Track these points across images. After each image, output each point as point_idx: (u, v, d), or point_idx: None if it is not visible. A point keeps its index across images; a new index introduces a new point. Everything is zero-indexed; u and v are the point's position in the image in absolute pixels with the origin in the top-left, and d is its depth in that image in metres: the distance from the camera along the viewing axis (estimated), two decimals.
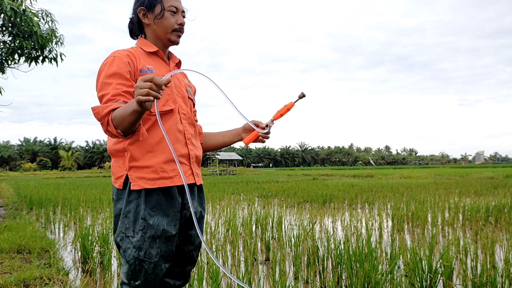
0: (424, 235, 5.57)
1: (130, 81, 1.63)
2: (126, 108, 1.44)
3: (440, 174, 26.54)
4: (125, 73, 1.62)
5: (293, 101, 1.75)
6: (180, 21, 1.77)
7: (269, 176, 28.96)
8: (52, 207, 8.72)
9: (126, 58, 1.65)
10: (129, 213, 1.62)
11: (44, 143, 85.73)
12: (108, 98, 1.56)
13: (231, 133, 1.98)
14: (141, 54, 1.73)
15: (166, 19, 1.75)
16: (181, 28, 1.78)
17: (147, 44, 1.78)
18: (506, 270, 3.18)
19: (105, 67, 1.64)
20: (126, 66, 1.63)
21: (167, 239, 1.63)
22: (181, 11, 1.79)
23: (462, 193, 11.46)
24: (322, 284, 3.42)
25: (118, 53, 1.67)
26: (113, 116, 1.48)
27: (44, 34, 7.22)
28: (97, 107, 1.52)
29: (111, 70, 1.61)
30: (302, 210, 8.34)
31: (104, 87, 1.60)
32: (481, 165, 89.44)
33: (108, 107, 1.51)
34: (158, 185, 1.62)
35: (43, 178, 32.51)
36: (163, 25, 1.75)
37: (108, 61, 1.64)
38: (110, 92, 1.57)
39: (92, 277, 3.70)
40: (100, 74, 1.64)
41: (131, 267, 1.60)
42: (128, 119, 1.44)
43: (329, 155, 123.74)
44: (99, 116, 1.52)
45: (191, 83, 2.00)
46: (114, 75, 1.61)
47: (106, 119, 1.50)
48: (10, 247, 4.40)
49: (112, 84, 1.59)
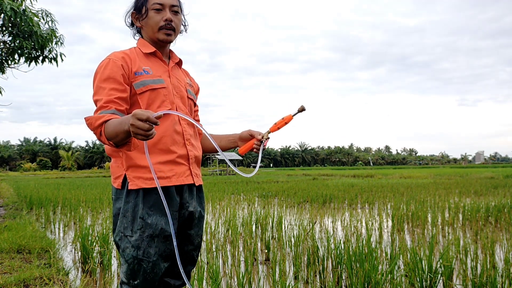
0: (424, 235, 5.57)
1: (123, 85, 1.63)
2: (119, 126, 1.44)
3: (440, 174, 26.53)
4: (118, 77, 1.62)
5: (292, 114, 1.69)
6: (165, 17, 1.71)
7: (269, 176, 28.95)
8: (52, 207, 8.72)
9: (120, 61, 1.65)
10: (127, 213, 1.63)
11: (44, 143, 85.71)
12: (100, 105, 1.57)
13: (228, 138, 1.95)
14: (139, 55, 1.73)
15: (150, 18, 1.73)
16: (167, 24, 1.71)
17: (145, 44, 1.77)
18: (506, 270, 3.18)
19: (100, 69, 1.65)
20: (119, 70, 1.63)
21: (165, 238, 1.63)
22: (169, 6, 1.72)
23: (462, 193, 11.45)
24: (322, 284, 3.42)
25: (113, 55, 1.67)
26: (106, 129, 1.49)
27: (44, 34, 7.22)
28: (90, 118, 1.54)
29: (105, 74, 1.62)
30: (302, 210, 8.34)
31: (98, 92, 1.61)
32: (481, 165, 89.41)
33: (100, 118, 1.51)
34: (155, 184, 1.62)
35: (43, 178, 32.50)
36: (149, 25, 1.74)
37: (103, 64, 1.65)
38: (103, 98, 1.58)
39: (92, 277, 3.70)
40: (95, 77, 1.66)
41: (130, 266, 1.61)
42: (121, 136, 1.46)
43: (329, 155, 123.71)
44: (92, 127, 1.53)
45: (193, 82, 1.99)
46: (108, 79, 1.61)
47: (98, 130, 1.52)
48: (10, 247, 4.40)
49: (105, 89, 1.60)
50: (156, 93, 1.68)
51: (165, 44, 1.79)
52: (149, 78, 1.68)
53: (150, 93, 1.67)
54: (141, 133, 1.33)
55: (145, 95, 1.67)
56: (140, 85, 1.66)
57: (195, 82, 2.01)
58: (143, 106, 1.66)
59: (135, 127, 1.33)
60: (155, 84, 1.69)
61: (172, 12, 1.74)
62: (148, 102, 1.67)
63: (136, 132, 1.34)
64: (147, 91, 1.67)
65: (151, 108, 1.67)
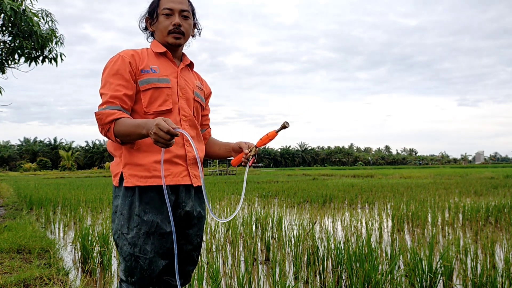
0: (424, 235, 5.57)
1: (130, 83, 1.68)
2: (134, 128, 1.53)
3: (440, 174, 26.53)
4: (126, 74, 1.67)
5: (276, 130, 1.70)
6: (174, 21, 1.75)
7: (269, 176, 28.96)
8: (52, 207, 8.72)
9: (129, 58, 1.69)
10: (124, 210, 1.65)
11: (44, 143, 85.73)
12: (107, 100, 1.62)
13: (225, 147, 1.96)
14: (149, 55, 1.77)
15: (160, 23, 1.77)
16: (176, 28, 1.75)
17: (157, 45, 1.80)
18: (506, 270, 3.18)
19: (110, 64, 1.70)
20: (127, 67, 1.68)
21: (161, 236, 1.64)
22: (179, 11, 1.76)
23: (462, 193, 11.45)
24: (322, 284, 3.42)
25: (124, 52, 1.72)
26: (117, 126, 1.57)
27: (44, 34, 7.22)
28: (101, 113, 1.60)
29: (114, 69, 1.67)
30: (302, 210, 8.34)
31: (105, 85, 1.67)
32: (481, 165, 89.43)
33: (111, 115, 1.58)
34: (150, 183, 1.64)
35: (43, 178, 32.51)
36: (159, 30, 1.79)
37: (113, 60, 1.70)
38: (109, 93, 1.64)
39: (92, 277, 3.70)
40: (104, 71, 1.71)
41: (127, 264, 1.62)
42: (133, 137, 1.56)
43: (329, 155, 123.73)
44: (102, 122, 1.60)
45: (205, 86, 2.00)
46: (116, 74, 1.66)
47: (107, 126, 1.59)
48: (10, 247, 4.40)
49: (112, 84, 1.65)
50: (160, 92, 1.70)
51: (176, 48, 1.81)
52: (155, 77, 1.71)
53: (153, 91, 1.69)
54: (163, 142, 1.43)
55: (148, 92, 1.69)
56: (145, 82, 1.69)
57: (207, 86, 2.02)
58: (145, 103, 1.68)
59: (157, 136, 1.42)
60: (159, 83, 1.71)
61: (182, 17, 1.77)
62: (150, 100, 1.69)
63: (157, 140, 1.43)
64: (150, 88, 1.69)
65: (152, 106, 1.69)
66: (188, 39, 1.84)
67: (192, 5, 1.84)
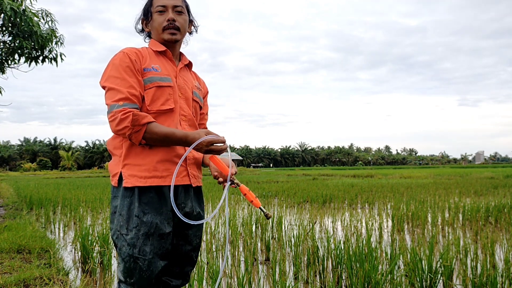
0: (424, 235, 5.57)
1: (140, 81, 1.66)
2: (173, 136, 1.60)
3: (440, 174, 26.52)
4: (136, 72, 1.66)
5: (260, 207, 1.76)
6: (168, 17, 1.74)
7: (269, 176, 28.95)
8: (52, 207, 8.71)
9: (133, 55, 1.68)
10: (123, 211, 1.64)
11: (44, 143, 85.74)
12: (125, 96, 1.59)
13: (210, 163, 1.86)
14: (150, 54, 1.76)
15: (154, 21, 1.78)
16: (170, 24, 1.74)
17: (156, 44, 1.80)
18: (506, 270, 3.18)
19: (115, 61, 1.67)
20: (135, 64, 1.67)
21: (160, 237, 1.63)
22: (172, 7, 1.75)
23: (462, 193, 11.45)
24: (322, 284, 3.42)
25: (128, 50, 1.71)
26: (152, 129, 1.59)
27: (44, 34, 7.22)
28: (138, 115, 1.56)
29: (124, 66, 1.64)
30: (302, 210, 8.34)
31: (115, 81, 1.62)
32: (481, 165, 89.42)
33: (146, 117, 1.58)
34: (149, 183, 1.63)
35: (43, 178, 32.49)
36: (154, 28, 1.79)
37: (119, 56, 1.68)
38: (123, 89, 1.60)
39: (92, 277, 3.70)
40: (109, 66, 1.68)
41: (126, 265, 1.62)
42: (169, 144, 1.64)
43: (329, 155, 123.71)
44: (136, 122, 1.56)
45: (202, 85, 2.00)
46: (127, 71, 1.64)
47: (139, 128, 1.56)
48: (10, 247, 4.40)
49: (126, 81, 1.62)
50: (162, 91, 1.70)
51: (173, 45, 1.80)
52: (157, 75, 1.70)
53: (155, 90, 1.69)
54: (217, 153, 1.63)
55: (150, 91, 1.68)
56: (148, 81, 1.68)
57: (204, 85, 2.03)
58: (147, 102, 1.67)
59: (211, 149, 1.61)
60: (162, 82, 1.70)
61: (176, 13, 1.77)
62: (152, 99, 1.68)
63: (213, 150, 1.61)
64: (153, 87, 1.68)
65: (154, 105, 1.68)
66: (185, 35, 1.83)
67: (185, 1, 1.84)
